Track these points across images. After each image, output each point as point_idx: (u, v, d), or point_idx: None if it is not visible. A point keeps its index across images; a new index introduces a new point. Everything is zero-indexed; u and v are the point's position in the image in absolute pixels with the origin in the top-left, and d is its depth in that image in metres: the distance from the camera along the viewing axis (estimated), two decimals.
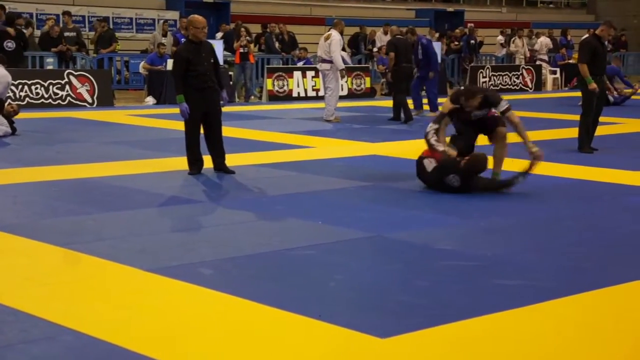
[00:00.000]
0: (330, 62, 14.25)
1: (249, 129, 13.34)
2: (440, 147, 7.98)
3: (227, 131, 12.94)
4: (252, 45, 19.34)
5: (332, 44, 14.20)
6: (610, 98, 17.73)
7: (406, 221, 6.84)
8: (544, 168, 9.43)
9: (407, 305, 4.65)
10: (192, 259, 5.61)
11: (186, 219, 6.95)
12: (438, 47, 21.59)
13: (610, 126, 13.48)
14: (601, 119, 11.30)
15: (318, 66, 15.06)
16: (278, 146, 11.19)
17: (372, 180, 8.73)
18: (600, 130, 11.42)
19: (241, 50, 18.68)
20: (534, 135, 12.49)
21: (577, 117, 10.98)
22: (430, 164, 8.01)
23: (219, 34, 21.58)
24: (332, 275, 5.25)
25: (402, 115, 14.62)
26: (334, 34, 14.36)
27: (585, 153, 10.66)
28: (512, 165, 8.47)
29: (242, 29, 19.04)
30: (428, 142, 8.04)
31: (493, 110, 8.29)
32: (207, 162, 9.22)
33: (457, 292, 4.90)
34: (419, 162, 8.16)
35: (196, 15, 9.06)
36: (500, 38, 24.89)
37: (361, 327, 4.23)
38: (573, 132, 11.22)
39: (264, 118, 15.26)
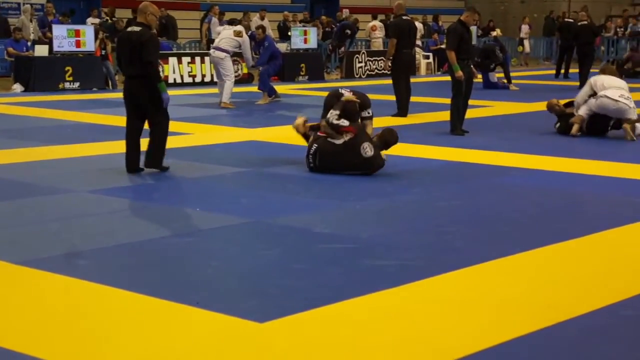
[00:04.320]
0: (225, 51, 14.44)
1: (123, 115, 13.05)
2: (347, 122, 8.16)
3: (102, 119, 12.69)
4: (109, 45, 18.84)
5: (246, 44, 14.83)
6: (493, 78, 18.24)
7: (284, 206, 6.89)
8: (417, 150, 9.69)
9: (285, 289, 4.70)
10: (66, 249, 5.48)
11: (60, 209, 6.77)
12: (314, 32, 21.83)
13: (480, 109, 13.96)
14: (471, 102, 11.67)
15: (211, 52, 15.01)
16: None
17: (250, 166, 8.75)
18: (470, 113, 11.81)
19: (101, 52, 18.16)
20: (408, 119, 12.85)
21: (449, 101, 11.31)
22: (340, 139, 8.11)
23: (90, 20, 20.99)
24: (210, 262, 5.24)
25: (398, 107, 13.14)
26: (245, 35, 14.99)
27: (457, 135, 11.00)
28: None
29: (101, 32, 18.39)
30: (332, 124, 8.16)
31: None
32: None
33: (334, 274, 4.99)
34: (320, 141, 8.21)
35: (152, 3, 8.45)
36: (377, 23, 25.21)
37: (239, 312, 4.25)
38: (445, 116, 11.56)
39: None
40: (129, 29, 8.46)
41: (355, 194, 7.41)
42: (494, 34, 19.86)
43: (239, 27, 15.01)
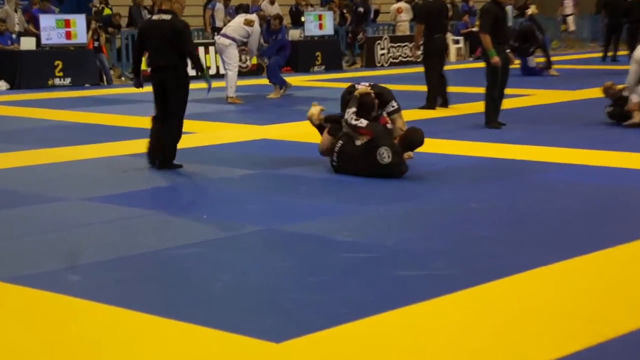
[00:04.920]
0: (231, 38, 14.44)
1: (120, 114, 13.15)
2: (364, 123, 8.12)
3: (96, 118, 12.76)
4: (103, 36, 18.94)
5: (255, 35, 14.79)
6: (532, 63, 18.15)
7: (299, 211, 6.89)
8: (448, 146, 9.67)
9: (303, 304, 4.70)
10: (58, 264, 5.51)
11: (51, 219, 6.81)
12: (330, 16, 21.86)
13: (518, 98, 13.90)
14: (509, 90, 11.64)
15: (216, 39, 15.06)
16: None
17: (261, 167, 8.76)
18: (507, 103, 11.77)
19: (94, 43, 18.25)
20: (438, 111, 12.83)
21: (483, 90, 11.28)
22: (361, 140, 8.08)
23: (95, 9, 21.11)
24: (220, 275, 5.25)
25: (438, 99, 13.17)
26: (257, 25, 14.88)
27: (492, 128, 10.96)
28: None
29: (94, 22, 18.47)
30: (350, 125, 8.14)
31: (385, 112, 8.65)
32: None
33: (357, 287, 4.98)
34: (344, 139, 8.18)
35: None
36: (403, 5, 25.09)
37: (253, 331, 4.25)
38: (479, 107, 11.53)
39: (137, 102, 15.05)
40: (156, 17, 8.85)
41: (378, 196, 7.40)
42: (529, 11, 19.61)
43: (252, 16, 14.99)
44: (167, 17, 8.57)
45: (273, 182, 8.14)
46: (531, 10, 19.49)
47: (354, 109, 8.21)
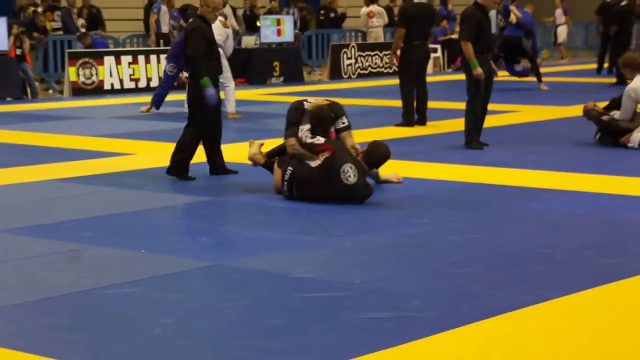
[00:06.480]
0: (221, 47, 14.27)
1: (47, 132, 13.06)
2: (322, 140, 8.16)
3: (20, 137, 12.67)
4: (27, 43, 18.76)
5: (230, 40, 14.76)
6: (519, 67, 18.44)
7: (253, 244, 6.89)
8: (423, 170, 9.71)
9: (256, 352, 4.68)
10: None
11: None
12: (290, 21, 21.94)
13: (502, 115, 14.02)
14: (492, 106, 11.73)
15: None
16: (86, 154, 11.01)
17: (208, 194, 8.75)
18: (490, 121, 11.86)
19: (17, 51, 18.09)
20: (412, 130, 12.89)
21: (463, 106, 11.36)
22: (316, 160, 8.09)
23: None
24: (159, 319, 5.22)
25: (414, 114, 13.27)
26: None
27: (474, 149, 11.03)
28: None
29: (15, 26, 18.21)
30: (305, 145, 8.16)
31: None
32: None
33: (320, 331, 4.97)
34: (294, 163, 8.19)
35: None
36: (375, 8, 25.16)
37: None
38: (459, 124, 11.61)
39: (66, 118, 14.99)
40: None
41: (345, 227, 7.41)
42: (512, 15, 19.22)
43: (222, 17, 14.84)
44: (191, 20, 9.66)
45: (223, 211, 8.13)
46: (513, 15, 19.04)
47: (308, 126, 8.23)
